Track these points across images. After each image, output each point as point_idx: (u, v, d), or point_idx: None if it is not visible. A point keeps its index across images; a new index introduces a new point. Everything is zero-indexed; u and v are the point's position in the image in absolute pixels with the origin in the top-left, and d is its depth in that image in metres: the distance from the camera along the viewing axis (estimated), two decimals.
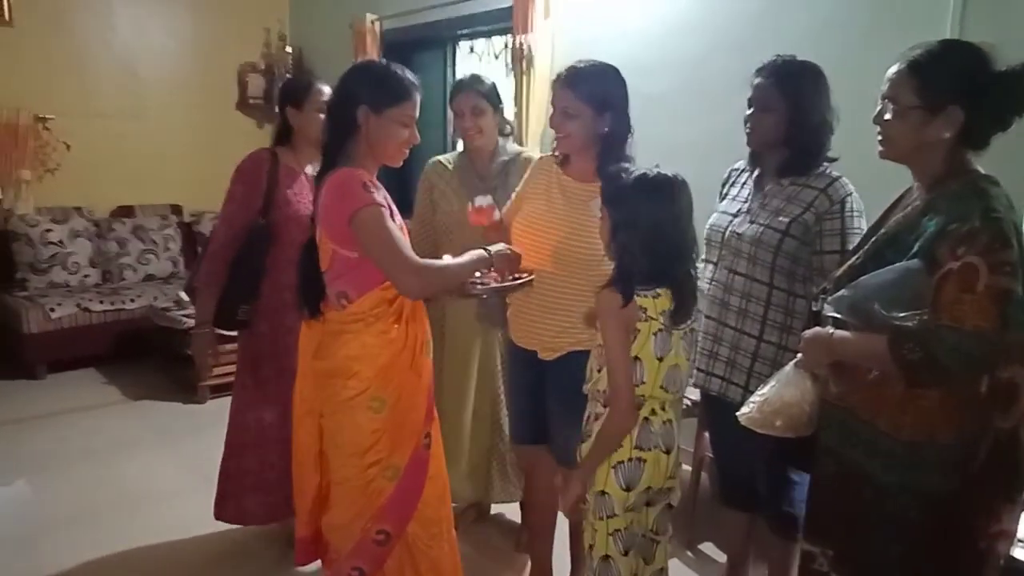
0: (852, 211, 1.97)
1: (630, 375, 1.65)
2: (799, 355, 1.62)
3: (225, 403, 4.03)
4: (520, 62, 3.61)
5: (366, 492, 1.85)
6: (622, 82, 2.06)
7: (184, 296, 4.35)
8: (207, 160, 5.40)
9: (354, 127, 1.81)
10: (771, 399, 1.61)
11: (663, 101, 3.28)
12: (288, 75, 5.23)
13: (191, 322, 4.06)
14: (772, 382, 1.65)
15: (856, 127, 1.86)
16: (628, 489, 1.68)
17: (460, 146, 2.66)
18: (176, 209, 5.28)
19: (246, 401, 2.58)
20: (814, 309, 1.62)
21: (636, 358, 1.65)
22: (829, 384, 1.56)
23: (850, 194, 1.98)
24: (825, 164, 2.03)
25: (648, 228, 1.63)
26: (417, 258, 1.77)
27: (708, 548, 2.73)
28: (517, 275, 2.00)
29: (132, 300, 4.56)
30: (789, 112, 1.99)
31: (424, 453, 1.91)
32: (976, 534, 1.45)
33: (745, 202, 2.12)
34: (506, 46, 4.17)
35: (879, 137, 1.52)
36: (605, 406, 1.71)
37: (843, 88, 2.03)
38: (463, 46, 4.58)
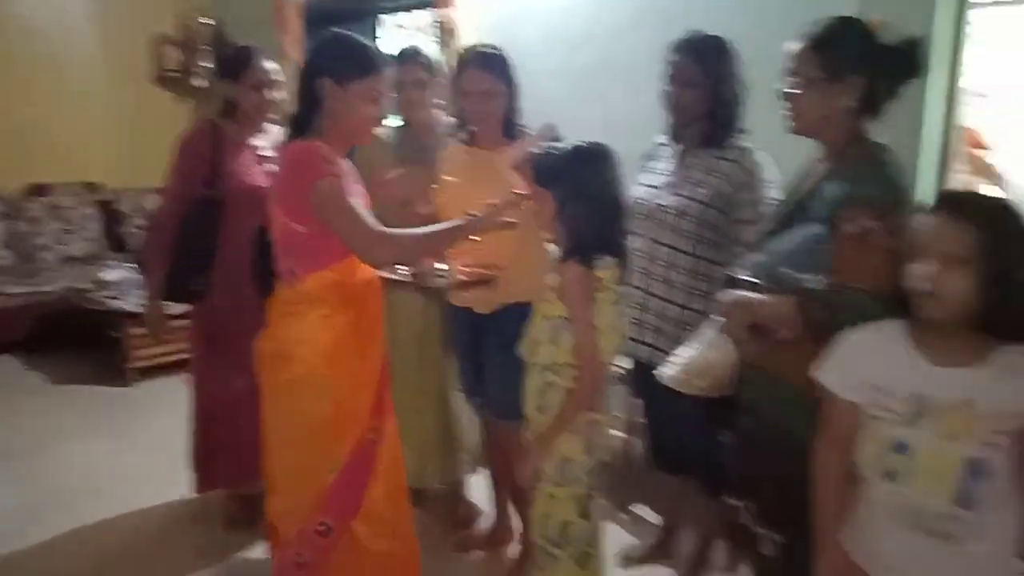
0: (763, 181, 2.08)
1: (597, 347, 1.71)
2: (719, 318, 1.71)
3: (154, 385, 4.03)
4: (445, 36, 3.60)
5: (306, 479, 1.82)
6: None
7: (106, 277, 4.23)
8: (126, 135, 5.21)
9: (319, 100, 1.75)
10: (693, 360, 1.69)
11: (591, 75, 3.33)
12: (207, 47, 5.07)
13: (115, 304, 4.00)
14: (694, 344, 1.73)
15: (770, 99, 1.93)
16: (588, 452, 1.76)
17: (394, 121, 2.66)
18: (94, 187, 5.07)
19: (207, 371, 2.57)
20: (731, 275, 1.72)
21: (596, 327, 1.71)
22: (747, 345, 1.65)
23: (760, 164, 2.09)
24: (738, 135, 2.13)
25: (594, 196, 1.69)
26: (382, 227, 1.71)
27: (642, 511, 2.84)
28: (482, 270, 2.04)
29: (50, 282, 4.39)
30: (707, 86, 2.09)
31: (370, 448, 1.86)
32: None
33: (667, 175, 2.21)
34: (431, 19, 4.14)
35: (787, 112, 1.61)
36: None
37: (755, 63, 2.12)
38: (389, 20, 4.51)
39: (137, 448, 3.34)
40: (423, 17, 4.24)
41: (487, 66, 2.17)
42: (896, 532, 1.29)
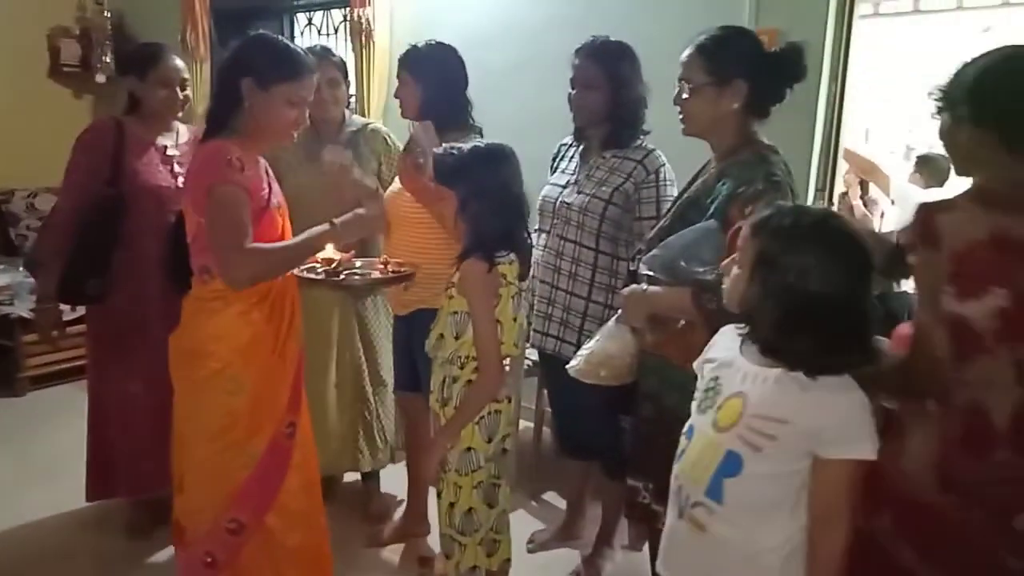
0: (665, 180, 2.19)
1: (498, 340, 1.75)
2: (619, 311, 1.78)
3: (49, 394, 3.84)
4: (359, 36, 3.59)
5: (218, 477, 1.80)
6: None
7: None
8: (17, 133, 4.90)
9: (238, 99, 1.73)
10: (596, 352, 1.76)
11: (505, 76, 3.39)
12: (108, 41, 4.87)
13: (6, 309, 3.80)
14: (596, 336, 1.80)
15: (669, 103, 2.02)
16: (490, 440, 1.79)
17: None
18: None
19: (105, 375, 2.49)
20: (631, 268, 1.79)
21: (497, 321, 1.76)
22: (646, 335, 1.72)
23: (663, 164, 2.20)
24: (641, 137, 2.23)
25: (495, 193, 1.73)
26: (249, 243, 1.68)
27: (550, 497, 2.92)
28: (398, 269, 2.10)
29: None
30: (610, 89, 2.17)
31: (286, 442, 1.86)
32: None
33: (573, 174, 2.29)
34: (345, 19, 4.12)
35: (680, 115, 1.71)
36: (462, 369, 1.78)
37: (659, 66, 2.21)
38: (301, 19, 4.45)
39: (31, 459, 3.18)
40: (336, 16, 4.20)
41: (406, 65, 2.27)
42: (671, 513, 1.37)
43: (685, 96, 1.67)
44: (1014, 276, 1.17)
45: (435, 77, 2.23)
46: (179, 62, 2.42)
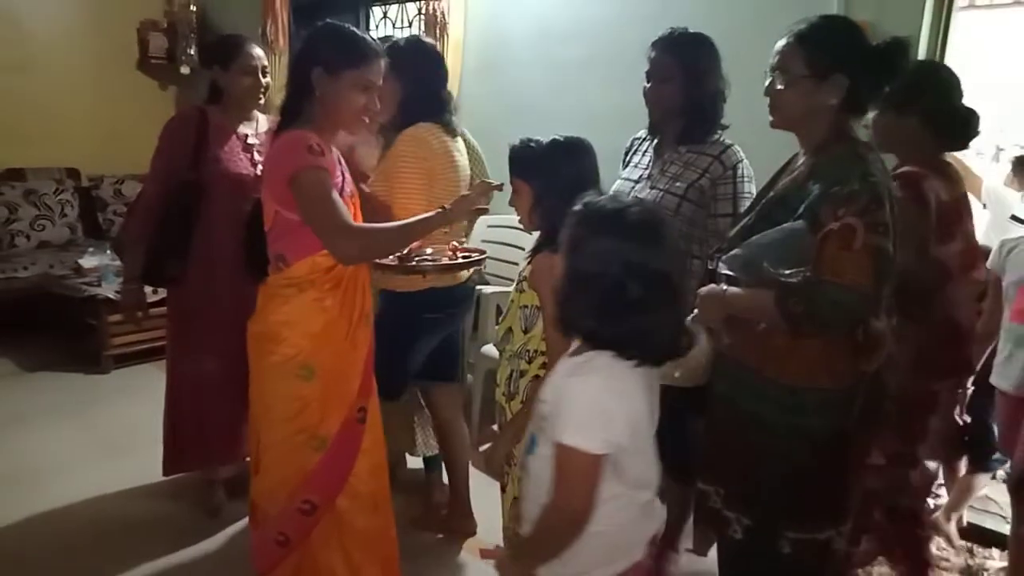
0: (743, 176, 2.11)
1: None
2: (695, 310, 1.73)
3: (130, 372, 4.01)
4: (434, 28, 3.61)
5: (291, 460, 1.83)
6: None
7: (84, 264, 4.18)
8: (107, 121, 5.16)
9: (309, 89, 1.76)
10: None
11: (576, 69, 3.37)
12: (192, 34, 5.04)
13: (93, 290, 3.97)
14: None
15: (749, 97, 1.93)
16: None
17: None
18: (73, 173, 5.01)
19: (181, 353, 2.59)
20: (709, 267, 1.73)
21: None
22: (722, 336, 1.67)
23: (741, 160, 2.12)
24: (719, 132, 2.16)
25: (571, 188, 1.70)
26: (354, 223, 1.73)
27: None
28: (467, 254, 2.12)
29: (25, 268, 4.33)
30: (685, 82, 2.11)
31: (357, 427, 1.89)
32: (850, 468, 1.61)
33: (646, 169, 2.24)
34: (420, 12, 4.15)
35: (770, 107, 1.62)
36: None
37: (739, 60, 2.14)
38: (376, 12, 4.51)
39: (112, 434, 3.31)
40: (411, 10, 4.23)
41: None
42: None
43: (779, 87, 1.59)
44: (965, 226, 1.98)
45: (413, 74, 2.24)
46: (259, 51, 2.49)
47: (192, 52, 5.04)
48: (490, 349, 3.10)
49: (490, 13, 3.63)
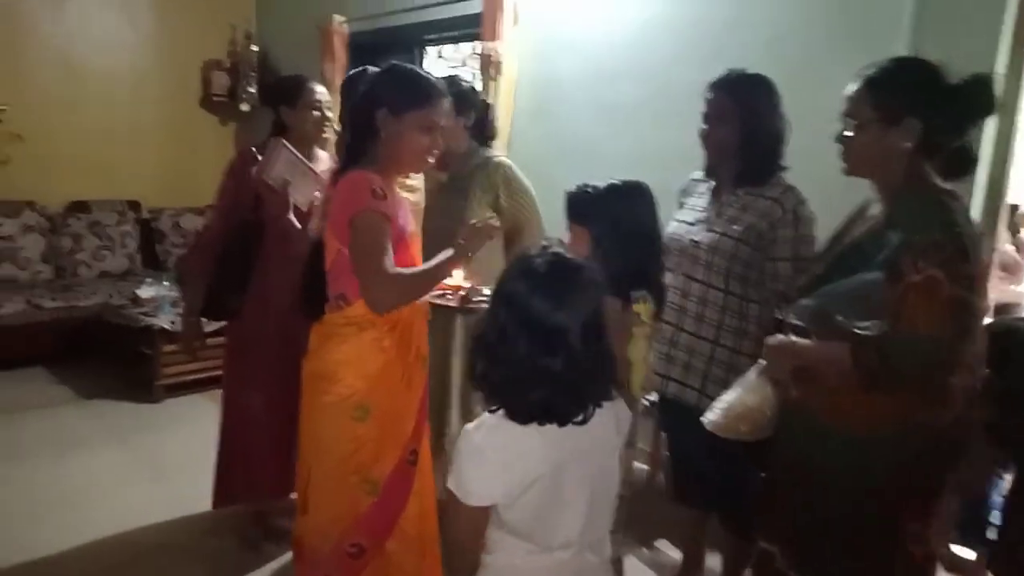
0: (803, 219, 2.05)
1: (628, 380, 1.70)
2: (761, 360, 1.66)
3: (181, 403, 4.06)
4: (488, 68, 3.64)
5: (342, 500, 1.82)
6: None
7: (141, 294, 4.28)
8: (168, 156, 5.34)
9: (374, 129, 1.78)
10: (735, 405, 1.66)
11: (628, 110, 3.34)
12: (253, 73, 5.19)
13: (149, 320, 4.06)
14: (735, 388, 1.69)
15: (810, 137, 1.92)
16: None
17: None
18: (134, 205, 5.17)
19: (235, 386, 2.62)
20: (778, 317, 1.67)
21: (628, 361, 1.70)
22: (789, 388, 1.60)
23: (802, 203, 2.06)
24: (779, 174, 2.10)
25: (630, 232, 1.69)
26: (393, 268, 1.71)
27: (663, 544, 2.78)
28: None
29: (86, 297, 4.46)
30: (743, 123, 2.07)
31: (408, 469, 1.88)
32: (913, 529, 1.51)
33: (702, 211, 2.19)
34: (473, 52, 4.21)
35: (842, 153, 1.57)
36: None
37: (799, 99, 2.10)
38: (431, 51, 4.59)
39: (160, 462, 3.34)
40: (464, 49, 4.29)
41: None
42: None
43: (848, 134, 1.55)
44: None
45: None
46: (323, 88, 2.57)
47: (252, 90, 5.19)
48: None
49: (543, 54, 3.65)
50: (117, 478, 3.18)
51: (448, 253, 1.85)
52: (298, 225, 2.23)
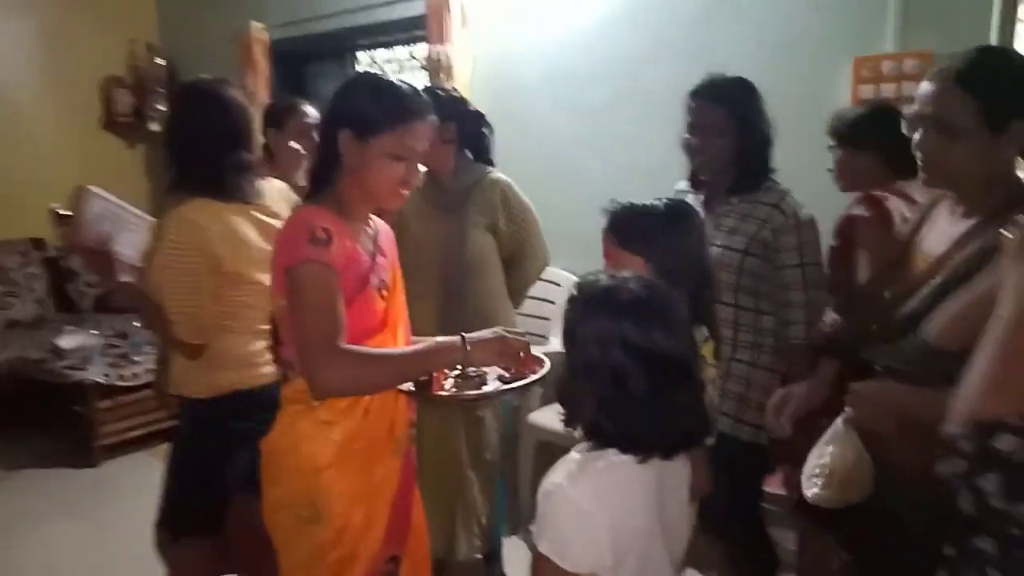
0: (805, 223, 2.00)
1: None
2: (846, 410, 1.50)
3: (123, 463, 3.66)
4: (438, 74, 3.42)
5: None
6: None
7: (63, 344, 3.83)
8: (71, 186, 4.80)
9: (337, 155, 1.45)
10: (836, 468, 1.43)
11: (596, 114, 3.20)
12: (161, 90, 4.77)
13: (78, 375, 3.65)
14: (828, 448, 1.48)
15: (787, 137, 1.96)
16: None
17: None
18: (38, 243, 4.64)
19: None
20: (863, 357, 1.51)
21: None
22: (890, 441, 1.39)
23: (801, 206, 2.01)
24: (771, 178, 2.05)
25: (687, 261, 1.52)
26: (341, 343, 1.35)
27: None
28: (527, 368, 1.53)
29: None
30: (738, 133, 1.99)
31: None
32: None
33: None
34: (411, 56, 3.99)
35: (922, 163, 1.39)
36: None
37: (774, 100, 2.05)
38: (363, 58, 4.31)
39: (111, 533, 2.99)
40: (402, 53, 4.05)
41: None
42: None
43: (941, 142, 1.33)
44: None
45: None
46: (314, 111, 2.38)
47: (162, 107, 4.75)
48: (538, 417, 2.88)
49: (498, 56, 3.44)
50: (65, 556, 2.84)
51: (444, 344, 1.44)
52: (137, 288, 1.90)
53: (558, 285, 3.14)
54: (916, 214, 1.61)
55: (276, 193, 2.23)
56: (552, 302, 3.20)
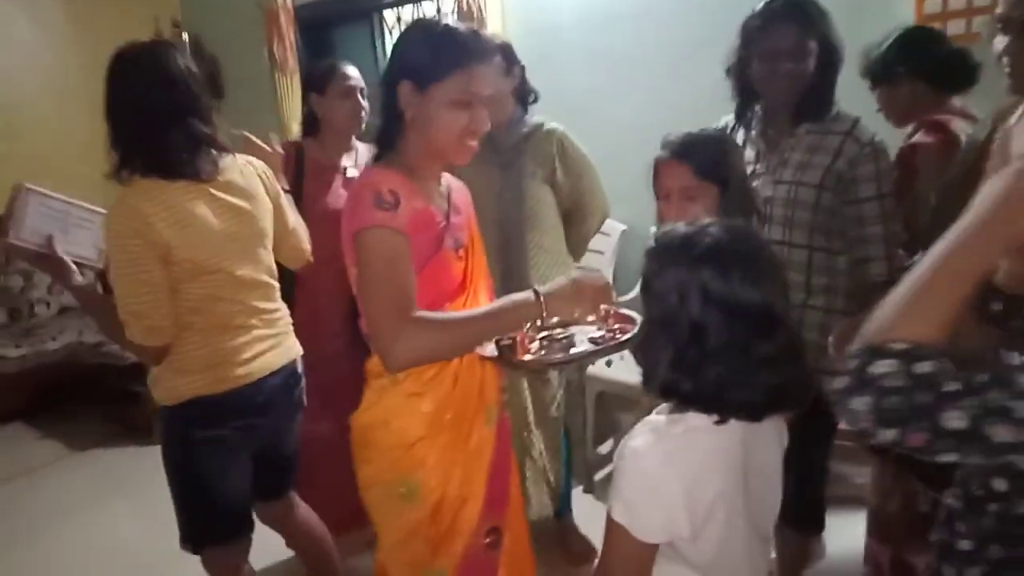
0: (882, 151, 1.85)
1: None
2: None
3: None
4: (471, 22, 3.32)
5: None
6: None
7: None
8: (98, 163, 4.80)
9: (398, 112, 1.37)
10: None
11: (629, 57, 3.09)
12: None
13: (132, 355, 3.66)
14: None
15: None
16: None
17: None
18: None
19: None
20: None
21: None
22: None
23: (875, 133, 1.86)
24: (836, 104, 1.89)
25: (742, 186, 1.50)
26: (411, 312, 1.29)
27: None
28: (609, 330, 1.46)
29: (53, 339, 4.02)
30: (824, 56, 1.83)
31: (485, 555, 1.48)
32: None
33: (758, 163, 1.94)
34: (438, 11, 3.89)
35: (1011, 69, 1.29)
36: None
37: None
38: (389, 17, 4.21)
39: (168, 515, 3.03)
40: (429, 9, 3.94)
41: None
42: None
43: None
44: None
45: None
46: (356, 71, 2.27)
47: None
48: (597, 368, 2.81)
49: (531, 3, 3.34)
50: (140, 535, 2.88)
51: (519, 300, 1.36)
52: (92, 290, 1.79)
53: (607, 235, 3.07)
54: (982, 131, 1.51)
55: (250, 170, 2.00)
56: (601, 252, 3.12)
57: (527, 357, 1.41)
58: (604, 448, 3.08)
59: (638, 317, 1.38)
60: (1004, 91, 1.39)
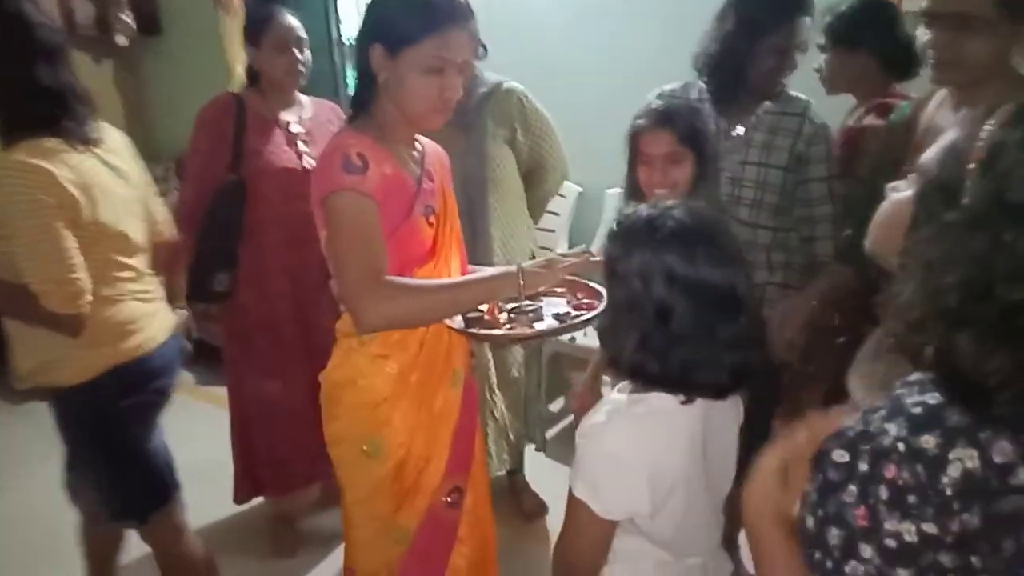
0: (829, 132, 1.92)
1: None
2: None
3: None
4: None
5: (375, 548, 1.52)
6: None
7: None
8: None
9: (371, 74, 1.35)
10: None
11: (597, 18, 3.06)
12: None
13: None
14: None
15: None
16: None
17: None
18: None
19: (242, 375, 2.34)
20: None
21: None
22: None
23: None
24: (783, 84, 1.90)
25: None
26: (381, 276, 1.30)
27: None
28: (576, 303, 1.50)
29: None
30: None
31: (447, 513, 1.53)
32: None
33: (723, 141, 1.92)
34: None
35: (939, 63, 1.36)
36: None
37: None
38: None
39: None
40: None
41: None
42: None
43: (957, 37, 1.31)
44: None
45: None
46: (293, 21, 2.14)
47: (126, 18, 4.45)
48: None
49: None
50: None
51: (497, 272, 1.41)
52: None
53: (563, 196, 3.10)
54: (899, 117, 1.62)
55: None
56: (557, 214, 3.16)
57: (496, 332, 1.45)
58: (555, 406, 3.18)
59: (602, 290, 1.41)
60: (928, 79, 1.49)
